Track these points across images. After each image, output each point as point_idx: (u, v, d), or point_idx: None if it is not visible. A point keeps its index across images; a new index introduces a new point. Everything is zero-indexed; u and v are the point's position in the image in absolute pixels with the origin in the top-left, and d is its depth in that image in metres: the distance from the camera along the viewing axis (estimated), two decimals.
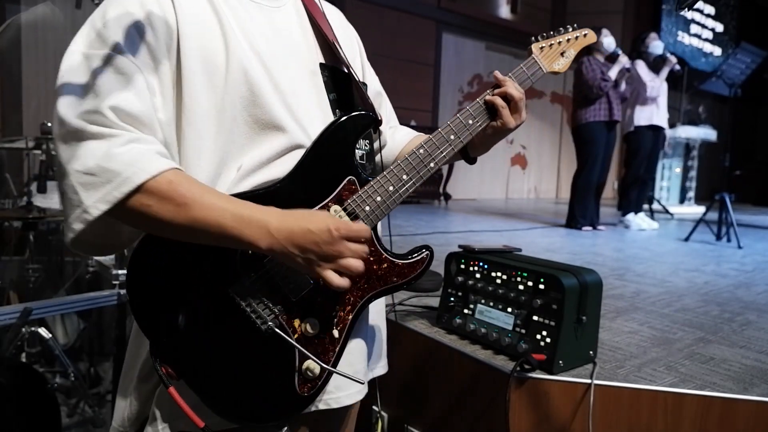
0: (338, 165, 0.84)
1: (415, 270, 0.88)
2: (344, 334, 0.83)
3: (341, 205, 0.83)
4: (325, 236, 0.72)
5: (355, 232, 0.74)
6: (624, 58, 4.49)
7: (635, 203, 4.97)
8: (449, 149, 0.91)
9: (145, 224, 0.72)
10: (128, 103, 0.70)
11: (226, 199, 0.72)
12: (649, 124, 4.86)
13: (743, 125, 11.09)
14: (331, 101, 0.91)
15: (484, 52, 8.55)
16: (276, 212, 0.73)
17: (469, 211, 6.24)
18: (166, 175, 0.69)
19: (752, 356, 1.41)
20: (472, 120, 0.95)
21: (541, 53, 1.04)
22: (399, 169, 0.86)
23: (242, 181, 0.80)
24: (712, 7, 11.01)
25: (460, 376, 1.33)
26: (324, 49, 0.94)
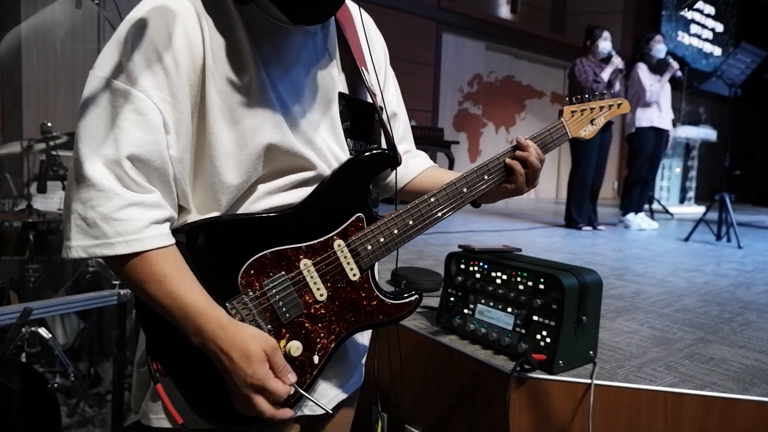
0: (350, 201, 0.87)
1: (401, 311, 0.90)
2: (323, 361, 0.86)
3: (346, 240, 0.85)
4: (240, 374, 0.74)
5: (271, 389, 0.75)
6: (617, 59, 4.50)
7: (636, 203, 4.98)
8: (459, 202, 0.94)
9: (117, 277, 0.77)
10: (145, 151, 0.73)
11: (183, 289, 0.75)
12: (651, 126, 4.86)
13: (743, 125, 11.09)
14: (345, 130, 0.91)
15: (484, 52, 8.55)
16: (216, 322, 0.75)
17: (469, 211, 6.23)
18: (146, 254, 0.73)
19: (752, 356, 1.41)
20: (488, 176, 0.96)
21: (571, 117, 1.05)
22: (407, 215, 0.89)
23: (256, 203, 0.83)
24: (712, 7, 11.02)
25: (460, 376, 1.33)
26: (348, 77, 0.94)
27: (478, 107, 8.45)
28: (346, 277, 0.86)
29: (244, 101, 0.79)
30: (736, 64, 4.43)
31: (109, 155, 0.72)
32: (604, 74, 4.46)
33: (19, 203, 3.00)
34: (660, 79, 4.85)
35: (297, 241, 0.83)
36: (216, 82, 0.77)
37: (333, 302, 0.86)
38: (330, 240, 0.85)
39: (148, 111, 0.73)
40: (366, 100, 0.95)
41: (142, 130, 0.73)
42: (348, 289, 0.87)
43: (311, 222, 0.85)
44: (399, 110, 1.09)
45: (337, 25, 0.94)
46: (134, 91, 0.73)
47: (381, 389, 1.56)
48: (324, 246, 0.85)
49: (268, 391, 0.74)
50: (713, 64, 10.66)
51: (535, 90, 9.51)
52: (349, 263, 0.86)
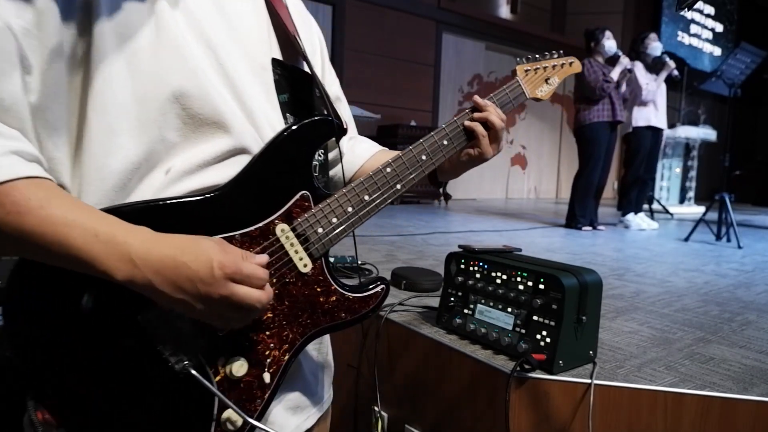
0: (292, 176, 0.71)
1: (367, 305, 0.77)
2: (277, 378, 0.70)
3: (290, 224, 0.70)
4: (203, 273, 0.57)
5: (246, 275, 0.59)
6: (625, 59, 4.52)
7: (635, 203, 4.98)
8: (419, 171, 0.82)
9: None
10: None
11: (78, 210, 0.56)
12: (648, 125, 4.87)
13: (743, 125, 11.10)
14: (282, 103, 0.78)
15: (484, 52, 8.55)
16: (144, 234, 0.58)
17: (469, 211, 6.24)
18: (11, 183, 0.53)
19: (752, 356, 1.41)
20: (448, 141, 0.87)
21: (525, 77, 1.00)
22: (361, 189, 0.76)
23: (171, 186, 0.66)
24: (712, 7, 11.02)
25: (460, 376, 1.34)
26: (282, 44, 0.81)
27: None
28: (295, 269, 0.71)
29: (147, 42, 0.63)
30: (736, 64, 4.43)
31: None
32: (614, 74, 4.47)
33: None
34: (656, 78, 4.86)
35: (228, 229, 0.66)
36: (108, 17, 0.61)
37: (282, 303, 0.70)
38: (271, 225, 0.69)
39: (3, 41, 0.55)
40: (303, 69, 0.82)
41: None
42: (299, 284, 0.72)
43: (245, 204, 0.68)
44: (341, 94, 0.98)
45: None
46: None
47: (381, 389, 1.56)
48: (264, 233, 0.69)
49: (245, 274, 0.59)
50: (713, 64, 10.66)
51: None
52: (298, 252, 0.71)
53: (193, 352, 0.63)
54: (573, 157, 4.92)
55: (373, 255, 2.67)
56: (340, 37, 6.80)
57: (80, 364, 0.61)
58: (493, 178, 8.97)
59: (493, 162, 8.91)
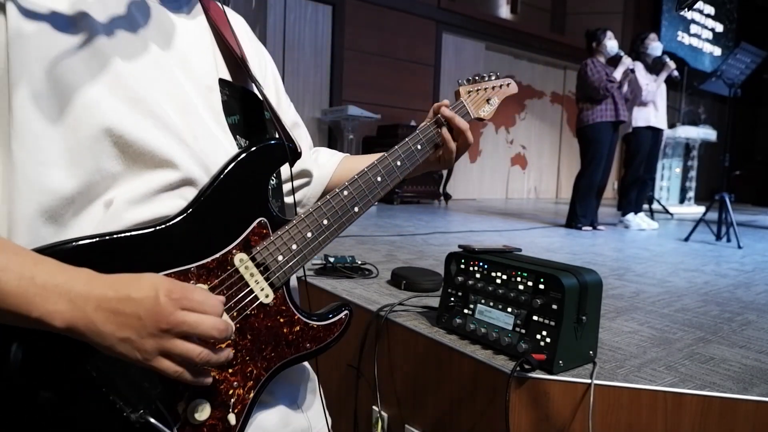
0: (247, 204, 0.68)
1: (332, 333, 0.75)
2: (243, 418, 0.66)
3: (249, 253, 0.67)
4: (149, 302, 0.52)
5: (197, 302, 0.54)
6: (628, 59, 4.53)
7: (635, 203, 4.98)
8: (376, 192, 0.82)
9: None
10: None
11: (13, 253, 0.50)
12: (648, 125, 4.87)
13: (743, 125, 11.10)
14: (231, 125, 0.75)
15: (484, 52, 8.55)
16: (84, 273, 0.53)
17: (469, 211, 6.24)
18: None
19: (752, 356, 1.41)
20: (401, 162, 0.87)
21: (468, 97, 1.03)
22: (320, 213, 0.74)
23: (114, 221, 0.61)
24: (712, 7, 11.02)
25: (460, 376, 1.34)
26: (229, 66, 0.79)
27: None
28: (256, 300, 0.68)
29: (74, 71, 0.59)
30: (736, 64, 4.43)
31: None
32: (617, 74, 4.48)
33: None
34: (656, 78, 4.86)
35: (182, 262, 0.62)
36: (29, 43, 0.57)
37: (244, 337, 0.67)
38: (228, 255, 0.65)
39: None
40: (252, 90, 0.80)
41: None
42: (261, 316, 0.68)
43: (199, 235, 0.64)
44: (298, 119, 0.98)
45: (208, 18, 0.79)
46: None
47: (381, 390, 1.56)
48: (221, 264, 0.65)
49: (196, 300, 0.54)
50: (713, 64, 10.66)
51: (535, 90, 9.52)
52: (259, 282, 0.68)
53: (150, 398, 0.58)
54: (573, 157, 4.93)
55: (373, 255, 2.67)
56: (340, 37, 6.79)
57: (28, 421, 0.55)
58: (493, 178, 8.97)
59: (493, 162, 8.93)
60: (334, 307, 0.76)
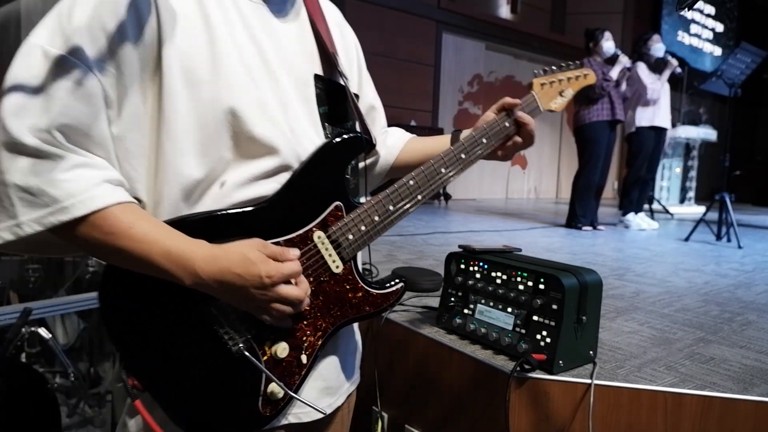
0: (327, 189, 0.82)
1: (387, 300, 0.88)
2: (311, 359, 0.83)
3: (326, 231, 0.81)
4: (255, 283, 0.70)
5: (288, 273, 0.72)
6: (624, 58, 4.52)
7: (636, 203, 4.98)
8: (438, 183, 0.90)
9: (78, 247, 0.70)
10: (79, 122, 0.67)
11: (155, 231, 0.69)
12: (651, 125, 4.86)
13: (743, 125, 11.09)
14: (321, 115, 0.87)
15: (484, 52, 8.55)
16: (205, 250, 0.70)
17: (469, 211, 6.24)
18: (105, 211, 0.67)
19: (752, 356, 1.41)
20: (465, 155, 0.94)
21: (541, 90, 1.04)
22: (387, 200, 0.85)
23: (225, 198, 0.77)
24: (712, 7, 11.02)
25: (460, 376, 1.33)
26: (322, 58, 0.90)
27: (478, 107, 8.45)
28: (329, 270, 0.82)
29: (206, 73, 0.73)
30: (736, 64, 4.43)
31: (40, 124, 0.64)
32: (613, 73, 4.49)
33: None
34: (659, 77, 4.85)
35: (274, 235, 0.78)
36: (174, 54, 0.71)
37: (317, 297, 0.82)
38: (309, 232, 0.81)
39: (87, 81, 0.67)
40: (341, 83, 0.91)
41: (78, 100, 0.66)
42: (332, 282, 0.83)
43: (288, 214, 0.80)
44: (377, 103, 1.07)
45: (307, 12, 0.90)
46: (71, 59, 0.66)
47: (381, 389, 1.56)
48: (303, 239, 0.80)
49: (286, 275, 0.72)
50: (713, 64, 10.66)
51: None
52: (331, 255, 0.82)
53: (246, 337, 0.77)
54: (573, 157, 4.92)
55: (374, 255, 2.67)
56: None
57: (158, 342, 0.74)
58: (493, 178, 8.97)
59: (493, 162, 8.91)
60: (391, 278, 0.90)
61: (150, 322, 0.74)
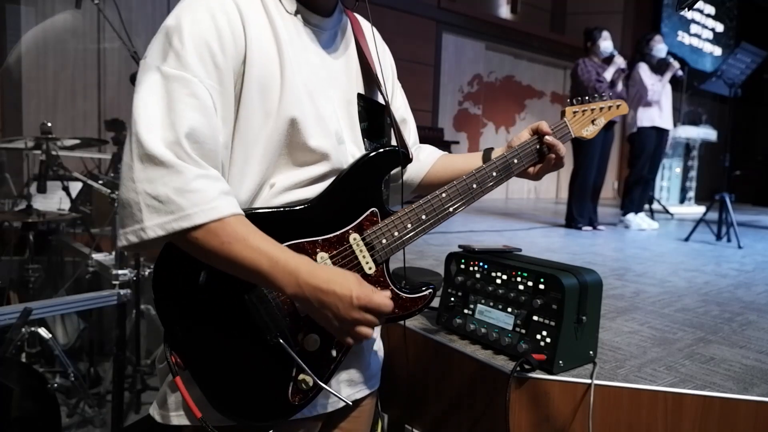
0: (364, 196, 0.89)
1: (416, 305, 0.92)
2: (341, 355, 0.88)
3: (361, 234, 0.88)
4: (346, 302, 0.75)
5: (376, 305, 0.76)
6: (619, 59, 4.51)
7: (637, 203, 4.97)
8: (470, 197, 0.97)
9: (192, 251, 0.76)
10: (200, 133, 0.74)
11: (267, 243, 0.76)
12: (653, 126, 4.86)
13: (743, 125, 11.09)
14: (362, 130, 0.96)
15: (484, 52, 8.55)
16: (308, 264, 0.77)
17: (469, 211, 6.23)
18: (224, 220, 0.73)
19: (752, 356, 1.41)
20: (496, 173, 0.99)
21: (573, 117, 1.09)
22: (420, 209, 0.91)
23: (274, 198, 0.85)
24: (712, 7, 11.01)
25: (460, 376, 1.33)
26: (365, 78, 0.98)
27: (478, 107, 8.45)
28: (361, 270, 0.87)
29: (276, 90, 0.82)
30: (736, 64, 4.42)
31: (169, 136, 0.72)
32: (607, 74, 4.47)
33: (19, 203, 3.00)
34: (661, 78, 4.85)
35: (313, 234, 0.85)
36: (254, 71, 0.80)
37: None
38: (346, 234, 0.87)
39: (202, 94, 0.75)
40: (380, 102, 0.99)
41: (198, 112, 0.74)
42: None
43: (327, 216, 0.86)
44: (408, 116, 1.13)
45: (353, 33, 0.99)
46: (188, 76, 0.74)
47: (381, 389, 1.56)
48: (340, 240, 0.86)
49: (375, 303, 0.75)
50: (713, 64, 10.66)
51: (535, 90, 9.51)
52: (365, 257, 0.87)
53: (282, 327, 0.82)
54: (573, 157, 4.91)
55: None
56: None
57: (200, 325, 0.80)
58: None
59: None
60: (421, 284, 0.94)
61: (197, 305, 0.80)
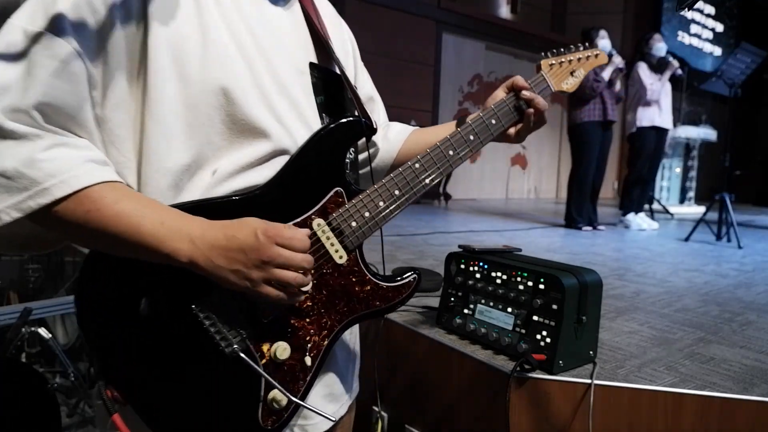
0: (325, 174, 0.76)
1: (400, 294, 0.81)
2: (317, 362, 0.75)
3: (326, 218, 0.75)
4: (250, 240, 0.64)
5: (287, 238, 0.66)
6: (617, 58, 4.51)
7: (636, 203, 4.98)
8: (447, 165, 0.85)
9: (62, 232, 0.65)
10: (62, 102, 0.63)
11: (148, 203, 0.65)
12: (652, 125, 4.86)
13: (743, 125, 11.09)
14: (319, 104, 0.83)
15: (484, 52, 8.55)
16: (200, 221, 0.66)
17: (469, 211, 6.24)
18: (90, 189, 0.62)
19: (752, 356, 1.41)
20: (473, 136, 0.89)
21: (550, 70, 1.01)
22: (391, 184, 0.80)
23: (217, 186, 0.72)
24: (712, 7, 11.02)
25: (460, 376, 1.33)
26: (317, 48, 0.86)
27: (478, 107, 8.40)
28: (331, 260, 0.76)
29: (195, 53, 0.70)
30: (736, 64, 4.42)
31: (19, 103, 0.60)
32: (605, 74, 4.47)
33: None
34: (660, 77, 4.85)
35: None
36: (161, 31, 0.68)
37: (320, 292, 0.75)
38: (308, 220, 0.74)
39: (70, 60, 0.63)
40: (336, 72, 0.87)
41: (60, 79, 0.63)
42: (335, 274, 0.76)
43: (284, 202, 0.74)
44: (375, 95, 1.04)
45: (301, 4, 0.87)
46: (55, 38, 0.62)
47: (381, 389, 1.56)
48: (301, 227, 0.73)
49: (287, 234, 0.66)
50: (713, 64, 10.66)
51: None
52: (334, 244, 0.76)
53: (241, 337, 0.70)
54: None
55: (374, 255, 2.66)
56: None
57: (140, 350, 0.68)
58: (493, 178, 8.97)
59: (493, 162, 8.92)
60: (403, 270, 0.83)
61: (132, 323, 0.68)
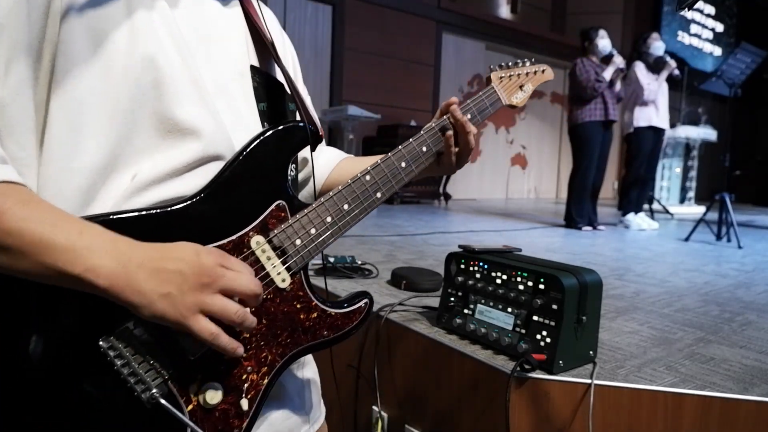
0: (266, 185, 0.67)
1: (351, 322, 0.73)
2: (256, 404, 0.65)
3: (266, 236, 0.65)
4: (190, 260, 0.55)
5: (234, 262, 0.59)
6: (618, 58, 4.51)
7: (635, 203, 4.98)
8: (400, 178, 0.79)
9: None
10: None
11: (58, 211, 0.53)
12: (649, 125, 4.86)
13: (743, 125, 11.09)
14: (260, 111, 0.75)
15: (484, 52, 8.56)
16: (126, 238, 0.55)
17: (469, 211, 6.24)
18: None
19: (752, 356, 1.41)
20: (426, 147, 0.83)
21: (500, 83, 1.00)
22: (340, 198, 0.71)
23: (136, 195, 0.61)
24: (712, 7, 11.02)
25: (460, 376, 1.33)
26: (258, 52, 0.79)
27: None
28: (272, 284, 0.66)
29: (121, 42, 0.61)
30: (736, 64, 4.43)
31: None
32: (606, 74, 4.47)
33: None
34: (657, 77, 4.85)
35: (201, 242, 0.60)
36: (79, 12, 0.59)
37: (259, 322, 0.64)
38: (245, 237, 0.64)
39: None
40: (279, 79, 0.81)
41: None
42: (277, 300, 0.66)
43: (217, 216, 0.63)
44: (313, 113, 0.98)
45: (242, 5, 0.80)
46: None
47: (381, 390, 1.56)
48: (237, 246, 0.64)
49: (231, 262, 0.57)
50: (713, 64, 10.66)
51: (536, 90, 9.51)
52: (275, 266, 0.66)
53: (162, 379, 0.58)
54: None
55: (373, 255, 2.67)
56: (340, 37, 6.79)
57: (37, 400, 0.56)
58: (493, 178, 8.97)
59: (493, 162, 8.92)
60: (354, 295, 0.74)
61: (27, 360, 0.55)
